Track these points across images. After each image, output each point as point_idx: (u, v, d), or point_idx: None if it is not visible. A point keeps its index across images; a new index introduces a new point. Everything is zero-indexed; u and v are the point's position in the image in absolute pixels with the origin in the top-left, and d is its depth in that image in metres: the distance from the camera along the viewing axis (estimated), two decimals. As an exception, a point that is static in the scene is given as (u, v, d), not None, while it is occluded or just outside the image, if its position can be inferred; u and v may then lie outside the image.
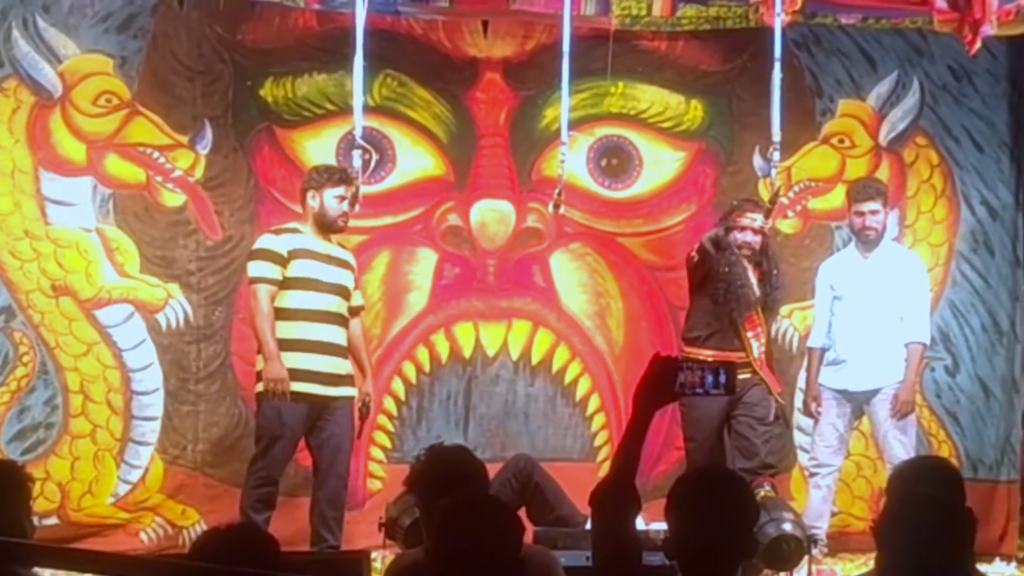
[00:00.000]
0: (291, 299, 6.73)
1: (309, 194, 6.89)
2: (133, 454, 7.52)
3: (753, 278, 7.14)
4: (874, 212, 7.36)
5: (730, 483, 3.71)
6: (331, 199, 6.84)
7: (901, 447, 7.18)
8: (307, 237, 6.83)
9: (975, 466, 7.95)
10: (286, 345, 6.67)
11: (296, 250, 6.77)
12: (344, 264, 6.95)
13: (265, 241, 6.84)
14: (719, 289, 7.09)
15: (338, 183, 6.87)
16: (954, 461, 7.22)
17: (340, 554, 6.43)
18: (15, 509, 4.17)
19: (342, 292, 6.89)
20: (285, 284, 6.73)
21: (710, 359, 6.79)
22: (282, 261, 6.73)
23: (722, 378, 3.62)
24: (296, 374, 6.65)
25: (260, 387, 6.72)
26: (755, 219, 7.16)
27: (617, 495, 3.60)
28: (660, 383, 3.61)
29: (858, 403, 7.41)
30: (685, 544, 3.56)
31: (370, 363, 7.22)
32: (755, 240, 7.14)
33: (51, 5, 7.46)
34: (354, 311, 6.99)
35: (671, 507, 3.61)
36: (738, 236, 7.12)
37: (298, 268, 6.75)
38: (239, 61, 7.72)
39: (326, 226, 6.87)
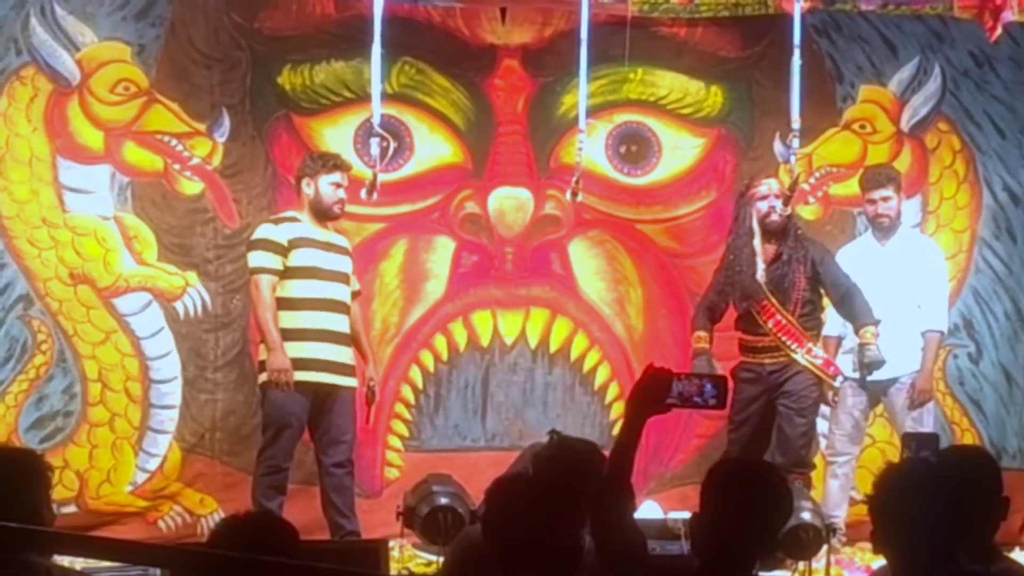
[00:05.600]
0: (294, 288, 6.73)
1: (304, 181, 6.87)
2: (151, 442, 7.52)
3: (760, 262, 7.09)
4: (886, 199, 7.33)
5: (769, 479, 3.70)
6: (326, 186, 6.83)
7: (917, 437, 7.15)
8: (306, 225, 6.82)
9: (998, 454, 7.85)
10: (291, 335, 6.67)
11: (296, 239, 6.76)
12: (343, 251, 6.95)
13: (265, 231, 6.82)
14: (722, 278, 7.11)
15: (333, 169, 6.86)
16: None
17: (359, 543, 6.43)
18: (35, 498, 4.15)
19: (343, 279, 6.89)
20: (287, 273, 6.73)
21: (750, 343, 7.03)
22: (283, 251, 6.72)
23: (712, 390, 3.65)
24: (302, 363, 6.65)
25: (264, 377, 6.73)
26: (771, 184, 7.18)
27: (613, 495, 3.61)
28: (650, 394, 3.62)
29: (874, 392, 7.38)
30: (711, 529, 3.55)
31: (371, 348, 7.25)
32: (778, 205, 7.09)
33: (69, -7, 7.46)
34: (352, 296, 6.98)
35: (705, 489, 3.61)
36: (761, 207, 7.11)
37: (300, 257, 6.74)
38: (257, 48, 7.71)
39: (322, 213, 6.86)
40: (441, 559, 6.02)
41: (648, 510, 6.97)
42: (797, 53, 6.92)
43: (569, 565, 3.59)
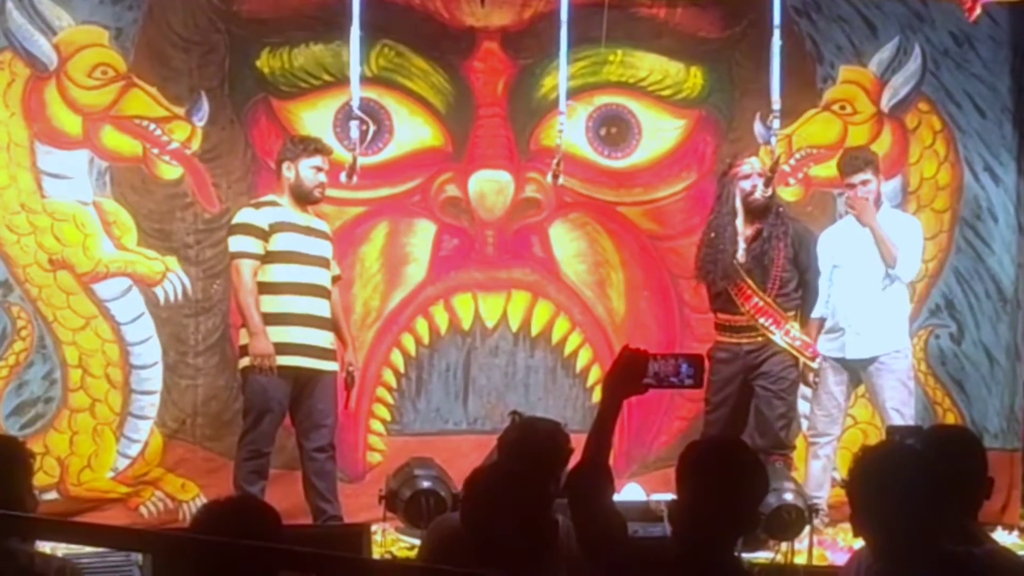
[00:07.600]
0: (275, 273, 6.71)
1: (284, 165, 6.86)
2: (132, 428, 7.49)
3: (742, 242, 7.10)
4: (865, 182, 7.32)
5: (740, 457, 3.69)
6: (307, 169, 6.81)
7: (899, 418, 7.15)
8: (286, 210, 6.80)
9: (980, 434, 7.86)
10: (272, 319, 6.65)
11: (277, 223, 6.74)
12: (323, 235, 6.93)
13: (246, 215, 6.80)
14: (703, 255, 7.11)
15: (313, 153, 6.84)
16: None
17: (341, 527, 6.43)
18: (17, 485, 4.16)
19: (324, 263, 6.88)
20: (268, 258, 6.71)
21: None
22: (264, 235, 6.70)
23: (688, 369, 3.66)
24: (282, 348, 6.64)
25: (245, 362, 6.71)
26: (754, 163, 7.20)
27: (591, 478, 3.60)
28: (626, 374, 3.61)
29: (855, 371, 7.39)
30: (687, 511, 3.55)
31: (351, 333, 7.24)
32: (760, 184, 7.10)
33: (46, -23, 7.42)
34: (332, 281, 6.96)
35: (679, 472, 3.60)
36: (744, 185, 7.12)
37: (280, 241, 6.72)
38: (235, 32, 7.67)
39: (303, 197, 6.84)
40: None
41: (631, 492, 6.98)
42: (777, 34, 6.91)
43: (544, 544, 3.59)
